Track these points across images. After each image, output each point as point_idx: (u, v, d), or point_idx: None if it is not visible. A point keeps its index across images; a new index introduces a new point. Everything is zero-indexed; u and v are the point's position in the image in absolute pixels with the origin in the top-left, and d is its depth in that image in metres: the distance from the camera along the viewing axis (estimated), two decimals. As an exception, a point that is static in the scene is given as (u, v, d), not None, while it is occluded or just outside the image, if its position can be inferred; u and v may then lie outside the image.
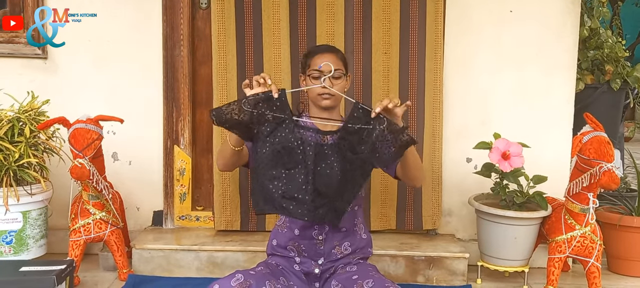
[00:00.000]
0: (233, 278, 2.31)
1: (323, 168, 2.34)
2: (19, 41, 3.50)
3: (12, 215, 3.09)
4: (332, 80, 2.53)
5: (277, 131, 2.34)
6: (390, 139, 2.20)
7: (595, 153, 2.86)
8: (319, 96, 2.54)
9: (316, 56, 2.58)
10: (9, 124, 3.08)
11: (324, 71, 2.51)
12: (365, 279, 2.39)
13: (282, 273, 2.52)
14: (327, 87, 2.50)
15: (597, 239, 3.02)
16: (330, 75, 2.50)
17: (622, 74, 4.11)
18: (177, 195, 3.58)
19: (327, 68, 2.50)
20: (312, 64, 2.57)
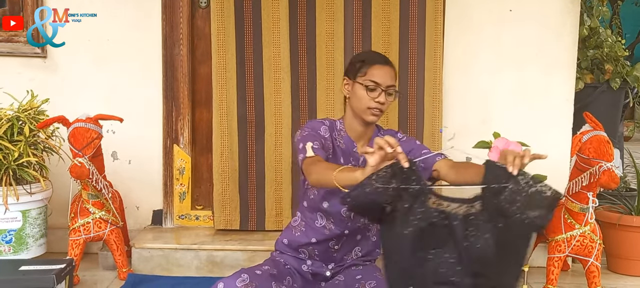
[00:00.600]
0: (239, 278, 2.24)
1: (473, 242, 1.88)
2: (19, 40, 3.50)
3: (11, 214, 3.08)
4: (385, 96, 2.37)
5: (415, 206, 1.89)
6: (540, 190, 1.83)
7: (594, 152, 2.86)
8: (368, 110, 2.38)
9: (375, 66, 2.39)
10: (9, 122, 3.07)
11: (381, 84, 2.36)
12: (369, 280, 2.38)
13: (289, 273, 2.48)
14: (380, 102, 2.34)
15: (596, 238, 3.02)
16: (385, 90, 2.36)
17: (621, 73, 4.11)
18: (176, 194, 3.58)
19: (384, 81, 2.36)
20: (369, 73, 2.38)
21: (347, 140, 2.47)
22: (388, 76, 2.39)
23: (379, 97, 2.36)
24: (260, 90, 3.42)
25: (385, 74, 2.38)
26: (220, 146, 3.43)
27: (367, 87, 2.37)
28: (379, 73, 2.37)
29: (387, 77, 2.39)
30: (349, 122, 2.48)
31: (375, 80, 2.36)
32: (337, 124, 2.50)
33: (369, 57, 2.48)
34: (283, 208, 3.47)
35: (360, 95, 2.38)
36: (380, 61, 2.43)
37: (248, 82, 3.41)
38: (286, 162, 3.44)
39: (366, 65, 2.40)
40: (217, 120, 3.42)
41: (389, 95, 2.39)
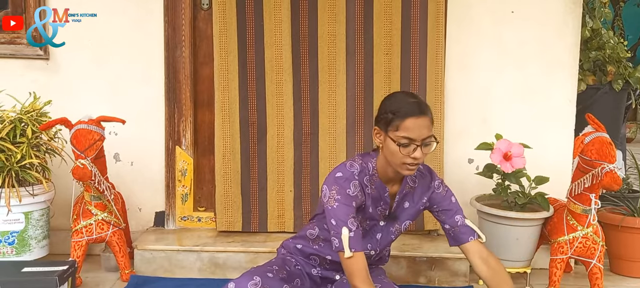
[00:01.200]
0: (251, 280, 2.23)
1: None
2: (21, 42, 3.50)
3: (14, 215, 3.09)
4: (422, 149, 2.21)
5: None
6: None
7: (597, 154, 2.86)
8: (404, 165, 2.22)
9: (409, 119, 2.20)
10: (11, 124, 3.08)
11: (415, 139, 2.19)
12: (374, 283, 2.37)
13: (298, 274, 2.48)
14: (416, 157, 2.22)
15: (599, 240, 3.01)
16: (421, 144, 2.20)
17: (624, 75, 4.11)
18: (178, 196, 3.58)
19: (419, 135, 2.18)
20: (403, 127, 2.20)
21: (379, 186, 2.35)
22: (424, 128, 2.20)
23: (414, 152, 2.20)
24: (262, 92, 3.42)
25: (420, 126, 2.19)
26: (222, 148, 3.43)
27: (401, 145, 2.20)
28: (413, 126, 2.19)
29: (423, 129, 2.19)
30: (383, 168, 2.33)
31: (409, 137, 2.18)
32: (369, 167, 2.33)
33: (402, 107, 2.23)
34: (285, 209, 3.47)
35: (394, 150, 2.22)
36: (414, 113, 2.21)
37: (250, 84, 3.41)
38: (288, 163, 3.44)
39: (398, 118, 2.21)
40: (219, 121, 3.42)
41: (426, 146, 2.22)
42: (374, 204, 2.38)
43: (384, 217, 2.43)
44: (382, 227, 2.45)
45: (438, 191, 2.46)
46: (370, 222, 2.43)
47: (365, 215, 2.39)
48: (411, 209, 2.45)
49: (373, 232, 2.45)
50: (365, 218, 2.40)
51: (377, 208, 2.40)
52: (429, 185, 2.44)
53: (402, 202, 2.43)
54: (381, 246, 2.47)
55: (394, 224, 2.47)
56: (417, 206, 2.46)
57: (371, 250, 2.46)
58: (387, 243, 2.53)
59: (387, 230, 2.47)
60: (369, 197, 2.35)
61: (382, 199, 2.39)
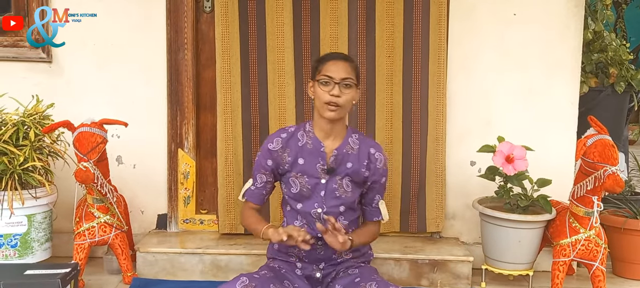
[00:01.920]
0: (238, 281, 2.33)
1: None
2: (24, 45, 3.51)
3: (17, 218, 3.09)
4: (341, 88, 2.47)
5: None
6: None
7: (599, 156, 2.86)
8: (325, 105, 2.48)
9: (328, 62, 2.52)
10: (14, 127, 3.08)
11: (334, 78, 2.46)
12: (368, 282, 2.41)
13: (285, 277, 2.54)
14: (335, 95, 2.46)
15: (601, 242, 3.01)
16: (339, 83, 2.46)
17: (626, 77, 4.10)
18: (181, 198, 3.59)
19: (337, 74, 2.46)
20: (323, 69, 2.51)
21: (314, 140, 2.57)
22: (342, 70, 2.48)
23: (333, 90, 2.45)
24: (264, 95, 3.42)
25: (338, 68, 2.47)
26: (224, 150, 3.43)
27: (322, 82, 2.48)
28: (332, 68, 2.48)
29: (341, 70, 2.47)
30: (316, 121, 2.58)
31: (328, 74, 2.47)
32: (306, 126, 2.61)
33: (325, 55, 2.63)
34: (287, 212, 3.48)
35: (319, 93, 2.50)
36: (333, 57, 2.55)
37: (252, 87, 3.42)
38: (290, 166, 3.44)
39: (321, 63, 2.54)
40: (221, 124, 3.43)
41: (346, 87, 2.47)
42: (311, 159, 2.56)
43: (323, 173, 2.56)
44: (324, 184, 2.57)
45: (378, 164, 2.60)
46: (312, 180, 2.57)
47: (304, 171, 2.57)
48: (353, 169, 2.57)
49: (317, 190, 2.57)
50: (304, 175, 2.56)
51: (316, 165, 2.56)
52: (369, 150, 2.60)
53: (344, 160, 2.57)
54: (328, 204, 2.57)
55: (335, 180, 2.57)
56: (360, 167, 2.58)
57: (318, 208, 2.56)
58: (335, 203, 2.57)
59: (330, 188, 2.57)
60: (304, 150, 2.57)
61: (319, 154, 2.56)
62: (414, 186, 3.47)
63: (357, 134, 2.64)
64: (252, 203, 2.66)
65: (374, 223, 2.70)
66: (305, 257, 2.60)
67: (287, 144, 2.59)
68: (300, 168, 2.57)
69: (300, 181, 2.57)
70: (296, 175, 2.57)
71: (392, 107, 3.43)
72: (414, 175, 3.47)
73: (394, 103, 3.43)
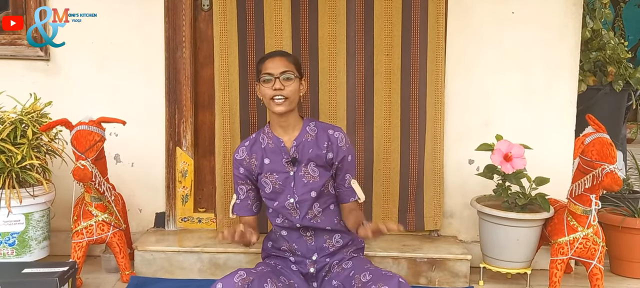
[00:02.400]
0: (236, 275, 2.37)
1: None
2: (22, 43, 3.51)
3: (14, 217, 3.09)
4: (282, 82, 2.57)
5: None
6: None
7: (597, 154, 2.86)
8: (271, 100, 2.59)
9: (266, 61, 2.64)
10: (12, 125, 3.08)
11: (273, 74, 2.58)
12: (362, 272, 2.46)
13: (281, 273, 2.59)
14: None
15: (599, 241, 3.01)
16: (279, 76, 2.56)
17: (624, 76, 4.11)
18: (179, 196, 3.59)
19: (276, 70, 2.57)
20: (263, 68, 2.62)
21: (274, 139, 2.68)
22: (279, 64, 2.60)
23: (274, 85, 2.56)
24: (262, 93, 3.42)
25: (276, 64, 2.60)
26: (222, 149, 3.43)
27: (263, 80, 2.60)
28: (270, 65, 2.60)
29: (279, 65, 2.59)
30: (272, 120, 2.70)
31: (268, 72, 2.59)
32: (265, 128, 2.72)
33: (263, 56, 2.75)
34: (285, 210, 3.48)
35: (263, 92, 2.62)
36: (271, 55, 2.69)
37: (250, 85, 3.41)
38: (289, 164, 3.44)
39: (260, 64, 2.67)
40: (219, 122, 3.42)
41: (286, 80, 2.58)
42: (275, 156, 2.67)
43: (289, 165, 2.66)
44: (293, 176, 2.66)
45: (339, 143, 2.67)
46: (281, 175, 2.66)
47: (272, 170, 2.67)
48: (314, 154, 2.66)
49: (288, 183, 2.66)
50: (273, 173, 2.67)
51: (282, 160, 2.66)
52: (327, 133, 2.69)
53: (305, 148, 2.66)
54: (298, 192, 2.65)
55: (300, 168, 2.66)
56: (320, 150, 2.66)
57: (290, 199, 2.65)
58: (305, 190, 2.64)
59: (298, 176, 2.66)
60: (267, 150, 2.68)
61: (281, 149, 2.66)
62: (412, 184, 3.47)
63: (314, 122, 2.73)
64: (244, 216, 2.75)
65: (353, 206, 2.73)
66: (297, 249, 2.67)
67: (251, 150, 2.71)
68: (268, 168, 2.68)
69: (271, 180, 2.67)
70: (266, 175, 2.68)
71: (391, 106, 3.43)
72: (412, 174, 3.47)
73: (392, 101, 3.43)
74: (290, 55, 2.72)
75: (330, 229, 2.67)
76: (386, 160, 3.45)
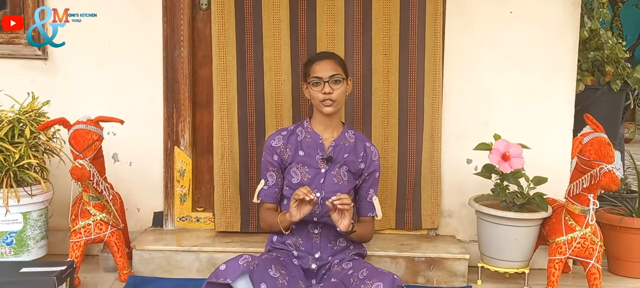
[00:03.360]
0: (241, 258, 2.40)
1: None
2: (19, 42, 3.50)
3: (12, 216, 3.09)
4: (331, 85, 2.66)
5: None
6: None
7: (595, 154, 2.86)
8: (321, 103, 2.66)
9: (315, 63, 2.70)
10: (10, 124, 3.08)
11: (322, 77, 2.65)
12: (360, 270, 2.52)
13: (284, 265, 2.63)
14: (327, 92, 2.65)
15: (597, 240, 3.02)
16: (328, 80, 2.64)
17: (622, 75, 4.11)
18: (177, 196, 3.58)
19: (325, 74, 2.65)
20: (312, 71, 2.70)
21: (313, 134, 2.76)
22: (328, 67, 2.67)
23: (324, 88, 2.64)
24: (260, 92, 3.42)
25: (324, 67, 2.67)
26: (221, 148, 3.43)
27: (313, 83, 2.68)
28: (319, 68, 2.68)
29: (328, 68, 2.67)
30: (315, 117, 2.78)
31: (317, 76, 2.67)
32: (304, 123, 2.81)
33: (311, 57, 2.83)
34: (284, 210, 3.48)
35: (312, 94, 2.71)
36: (318, 58, 2.75)
37: (249, 84, 3.41)
38: (287, 164, 3.44)
39: (308, 66, 2.74)
40: (217, 122, 3.42)
41: (335, 83, 2.66)
42: (310, 151, 2.74)
43: (322, 162, 2.73)
44: (324, 173, 2.73)
45: (373, 158, 2.79)
46: (312, 170, 2.73)
47: (304, 162, 2.74)
48: (350, 159, 2.75)
49: (317, 179, 2.73)
50: (304, 166, 2.74)
51: (316, 156, 2.74)
52: (365, 144, 2.80)
53: (342, 151, 2.75)
54: (326, 189, 2.70)
55: (333, 168, 2.73)
56: (356, 158, 2.76)
57: (317, 193, 2.68)
58: (332, 189, 2.69)
59: (329, 176, 2.73)
60: (303, 143, 2.76)
61: (318, 146, 2.74)
62: (409, 183, 3.48)
63: (352, 130, 2.83)
64: (268, 203, 2.80)
65: (368, 220, 2.83)
66: (302, 244, 2.71)
67: (288, 140, 2.78)
68: (301, 160, 2.74)
69: (301, 171, 2.73)
70: (297, 166, 2.74)
71: (388, 105, 3.43)
72: (409, 173, 3.47)
73: (390, 101, 3.43)
74: (337, 57, 2.77)
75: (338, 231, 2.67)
76: (384, 160, 3.45)
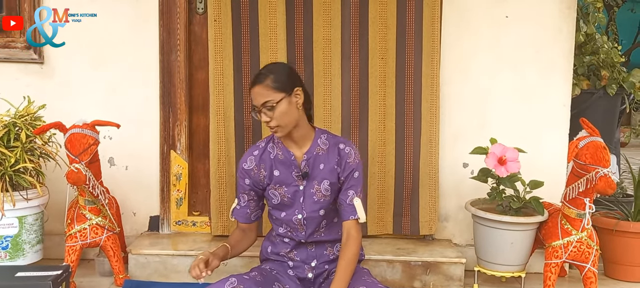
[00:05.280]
0: (227, 282, 2.36)
1: None
2: (16, 46, 3.50)
3: (8, 220, 3.08)
4: (265, 112, 2.43)
5: None
6: None
7: (591, 158, 2.87)
8: (272, 129, 2.47)
9: (250, 89, 2.48)
10: (5, 128, 3.07)
11: (256, 105, 2.45)
12: (360, 286, 2.42)
13: (276, 279, 2.56)
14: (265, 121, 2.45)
15: (593, 244, 3.02)
16: (261, 109, 2.43)
17: (618, 80, 4.13)
18: (173, 200, 3.58)
19: (256, 102, 2.44)
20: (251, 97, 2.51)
21: (284, 151, 2.56)
22: (258, 96, 2.43)
23: (261, 116, 2.45)
24: (257, 96, 3.42)
25: (254, 94, 2.45)
26: (217, 152, 3.43)
27: (254, 112, 2.49)
28: (252, 95, 2.46)
29: (257, 96, 2.43)
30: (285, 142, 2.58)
31: (253, 104, 2.47)
32: (274, 138, 2.59)
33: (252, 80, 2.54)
34: (280, 214, 3.47)
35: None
36: (251, 83, 2.49)
37: (245, 88, 3.41)
38: (283, 168, 3.44)
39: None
40: (214, 126, 3.42)
41: (269, 110, 2.42)
42: (284, 169, 2.57)
43: (299, 179, 2.57)
44: (303, 190, 2.57)
45: (348, 159, 2.55)
46: (290, 188, 2.57)
47: (281, 182, 2.57)
48: (326, 169, 2.56)
49: (296, 197, 2.57)
50: (282, 186, 2.57)
51: (291, 173, 2.56)
52: (338, 147, 2.57)
53: (317, 162, 2.56)
54: (307, 209, 2.56)
55: (312, 185, 2.56)
56: (332, 165, 2.55)
57: (298, 214, 2.56)
58: (314, 208, 2.56)
59: (308, 193, 2.56)
60: (276, 161, 2.57)
61: (291, 163, 2.56)
62: (407, 188, 3.48)
63: (326, 134, 2.61)
64: (240, 223, 2.71)
65: (351, 224, 2.54)
66: (296, 255, 2.63)
67: (260, 160, 2.59)
68: (277, 180, 2.58)
69: (279, 192, 2.58)
70: (275, 187, 2.58)
71: (386, 109, 3.43)
72: (407, 177, 3.47)
73: (387, 105, 3.43)
74: (267, 78, 2.44)
75: (332, 240, 2.63)
76: (381, 164, 3.45)
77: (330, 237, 2.63)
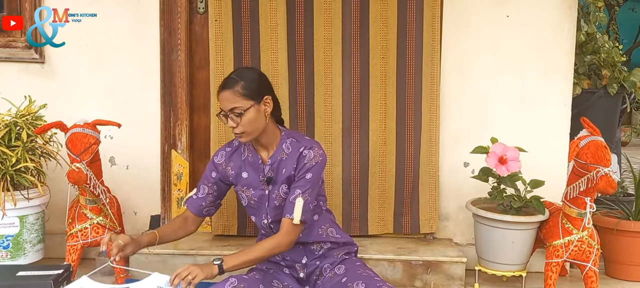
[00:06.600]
0: (227, 282, 2.35)
1: None
2: (16, 46, 3.51)
3: (9, 219, 3.08)
4: (233, 118, 2.41)
5: None
6: None
7: (592, 157, 2.87)
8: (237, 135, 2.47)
9: (218, 93, 2.47)
10: (6, 128, 3.07)
11: (224, 110, 2.44)
12: (356, 280, 2.41)
13: (275, 277, 2.56)
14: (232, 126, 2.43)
15: (594, 243, 3.02)
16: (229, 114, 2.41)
17: (618, 79, 4.13)
18: (174, 199, 3.58)
19: (224, 106, 2.43)
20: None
21: (253, 153, 2.56)
22: (225, 101, 2.41)
23: (228, 121, 2.43)
24: (258, 96, 3.42)
25: (222, 99, 2.43)
26: (218, 151, 3.43)
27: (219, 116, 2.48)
28: (220, 99, 2.44)
29: (225, 102, 2.42)
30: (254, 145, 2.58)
31: (221, 109, 2.45)
32: None
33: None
34: (281, 213, 3.47)
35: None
36: (220, 88, 2.47)
37: (246, 88, 3.41)
38: (284, 167, 3.44)
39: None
40: (215, 125, 3.42)
41: (237, 116, 2.40)
42: (252, 171, 2.57)
43: (264, 183, 2.56)
44: (268, 195, 2.56)
45: (305, 160, 2.48)
46: (257, 192, 2.57)
47: (249, 185, 2.57)
48: (286, 175, 2.51)
49: (263, 201, 2.57)
50: (249, 188, 2.57)
51: (258, 177, 2.56)
52: (299, 150, 2.50)
53: (280, 167, 2.53)
54: (272, 214, 2.56)
55: (274, 190, 2.55)
56: (290, 171, 2.51)
57: (264, 219, 2.57)
58: (278, 212, 2.53)
59: (271, 198, 2.55)
60: (246, 163, 2.57)
61: (258, 166, 2.55)
62: (407, 187, 3.48)
63: (292, 138, 2.54)
64: (189, 212, 2.65)
65: (283, 223, 2.47)
66: (286, 254, 2.60)
67: (230, 157, 2.60)
68: (245, 182, 2.58)
69: (247, 194, 2.59)
70: (242, 189, 2.59)
71: (386, 108, 3.44)
72: (407, 176, 3.47)
73: (388, 104, 3.43)
74: (239, 83, 2.41)
75: (317, 241, 2.60)
76: (382, 163, 3.45)
77: (312, 239, 2.60)
